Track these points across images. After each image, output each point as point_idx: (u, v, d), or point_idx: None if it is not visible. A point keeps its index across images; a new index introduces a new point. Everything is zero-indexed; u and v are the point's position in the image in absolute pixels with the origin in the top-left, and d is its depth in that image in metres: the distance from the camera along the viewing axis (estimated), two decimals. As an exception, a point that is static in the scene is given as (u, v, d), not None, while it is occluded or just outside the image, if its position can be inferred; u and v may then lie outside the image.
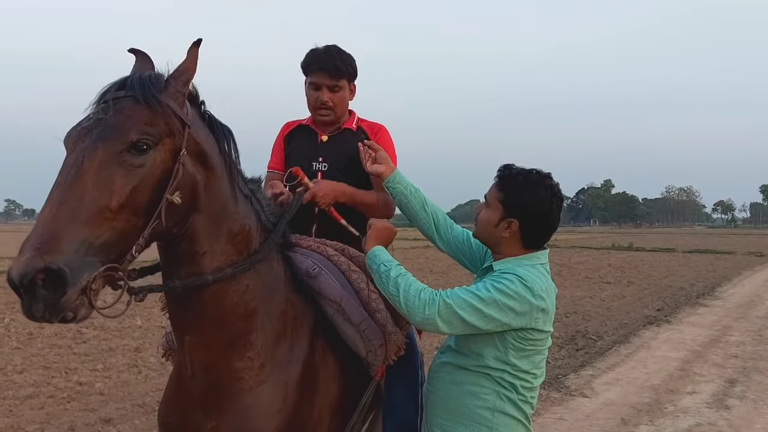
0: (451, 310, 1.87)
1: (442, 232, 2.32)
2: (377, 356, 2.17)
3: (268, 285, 1.97)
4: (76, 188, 1.48)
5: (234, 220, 1.86)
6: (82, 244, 1.44)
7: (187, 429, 1.95)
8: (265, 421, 1.91)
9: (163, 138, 1.61)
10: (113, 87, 1.65)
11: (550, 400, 5.90)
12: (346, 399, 2.15)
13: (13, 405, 5.40)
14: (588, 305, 11.59)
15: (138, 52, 1.83)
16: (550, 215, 2.02)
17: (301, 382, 2.00)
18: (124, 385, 6.04)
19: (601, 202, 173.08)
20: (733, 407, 5.77)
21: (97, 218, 1.47)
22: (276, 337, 1.98)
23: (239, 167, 1.95)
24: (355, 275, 2.25)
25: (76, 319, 1.47)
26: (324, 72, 2.63)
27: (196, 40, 1.70)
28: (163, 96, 1.64)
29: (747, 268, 21.24)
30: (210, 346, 1.86)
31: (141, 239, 1.57)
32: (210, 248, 1.79)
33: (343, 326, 2.14)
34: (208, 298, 1.81)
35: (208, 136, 1.81)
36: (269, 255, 1.98)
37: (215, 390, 1.90)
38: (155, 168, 1.59)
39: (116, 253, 1.52)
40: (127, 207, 1.53)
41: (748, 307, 12.13)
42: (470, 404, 2.00)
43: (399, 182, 2.27)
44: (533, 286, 1.92)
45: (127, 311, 1.67)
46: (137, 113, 1.59)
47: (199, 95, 1.84)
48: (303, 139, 2.76)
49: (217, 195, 1.79)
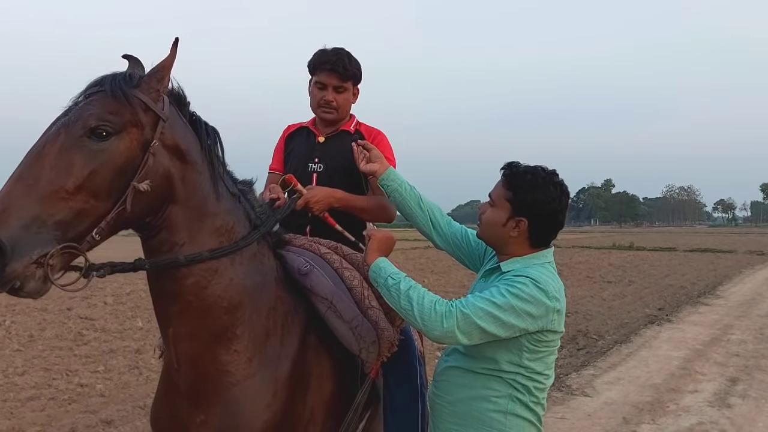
0: (470, 320, 1.80)
1: (439, 229, 2.28)
2: (370, 353, 2.17)
3: (256, 280, 1.99)
4: (34, 168, 1.57)
5: (216, 215, 1.90)
6: (33, 220, 1.51)
7: (177, 423, 1.96)
8: (255, 415, 1.92)
9: (128, 127, 1.68)
10: (90, 84, 1.75)
11: (552, 399, 5.89)
12: (341, 396, 2.16)
13: (14, 407, 5.40)
14: (589, 305, 11.64)
15: (131, 57, 1.91)
16: (558, 213, 1.98)
17: (291, 378, 2.01)
18: (125, 387, 6.04)
19: (602, 202, 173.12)
20: (735, 406, 5.76)
21: (51, 197, 1.55)
22: (265, 333, 1.99)
23: (226, 166, 2.00)
24: (347, 273, 2.26)
25: (24, 290, 1.53)
26: (333, 72, 2.66)
27: (175, 39, 1.78)
28: (134, 90, 1.73)
29: (748, 267, 21.23)
30: (194, 337, 1.88)
31: (104, 223, 1.64)
32: (189, 239, 1.84)
33: (336, 323, 2.15)
34: (189, 288, 1.84)
35: (188, 132, 1.88)
36: (255, 250, 2.01)
37: (202, 383, 1.91)
38: (117, 154, 1.65)
39: (74, 233, 1.59)
40: (85, 189, 1.59)
41: (750, 306, 12.13)
42: (482, 408, 1.96)
43: (393, 180, 2.25)
44: (547, 288, 1.87)
45: (87, 286, 1.72)
46: (103, 104, 1.68)
47: (185, 97, 1.92)
48: (301, 141, 2.81)
49: (195, 189, 1.84)
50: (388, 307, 2.17)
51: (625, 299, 12.72)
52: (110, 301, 10.74)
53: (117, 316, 9.72)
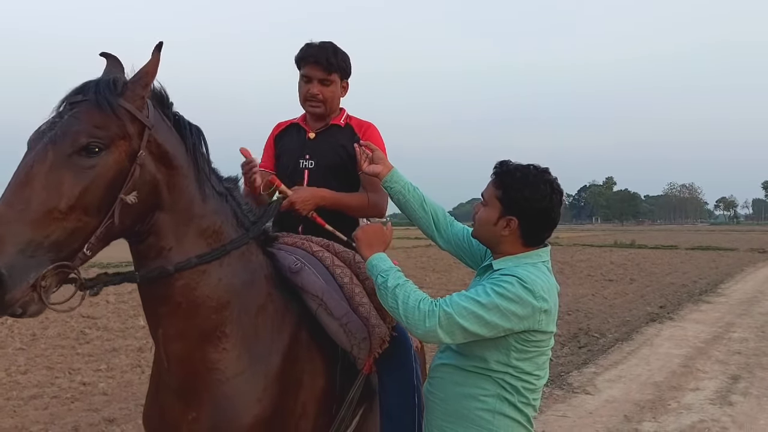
0: (452, 320, 1.80)
1: (442, 230, 2.28)
2: (362, 349, 2.17)
3: (244, 279, 1.99)
4: (24, 191, 1.53)
5: (202, 217, 1.89)
6: (28, 244, 1.49)
7: (169, 421, 1.97)
8: (245, 410, 1.93)
9: (116, 140, 1.64)
10: (73, 91, 1.69)
11: (553, 397, 5.90)
12: (334, 393, 2.16)
13: (18, 405, 5.42)
14: (590, 303, 11.59)
15: (109, 56, 1.85)
16: (550, 211, 1.96)
17: (282, 374, 2.01)
18: (128, 385, 6.06)
19: (603, 200, 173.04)
20: (736, 403, 5.76)
21: (45, 219, 1.52)
22: (255, 330, 2.00)
23: (211, 165, 1.98)
24: (339, 270, 2.26)
25: (27, 314, 1.52)
26: (317, 65, 2.63)
27: (158, 43, 1.73)
28: (119, 99, 1.67)
29: (750, 265, 21.24)
30: (183, 337, 1.89)
31: (93, 238, 1.61)
32: (177, 244, 1.83)
33: (327, 321, 2.15)
34: (178, 290, 1.84)
35: (172, 136, 1.84)
36: (243, 249, 2.00)
37: (191, 381, 1.92)
38: (107, 169, 1.62)
39: (67, 251, 1.57)
40: (78, 207, 1.57)
41: (751, 304, 12.12)
42: (470, 406, 1.96)
43: (397, 181, 2.24)
44: (534, 288, 1.85)
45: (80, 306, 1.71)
46: (88, 116, 1.62)
47: (168, 97, 1.87)
48: (292, 137, 2.76)
49: (182, 193, 1.82)
50: (380, 304, 2.18)
51: (627, 297, 12.73)
52: (112, 300, 10.76)
53: (119, 314, 9.74)
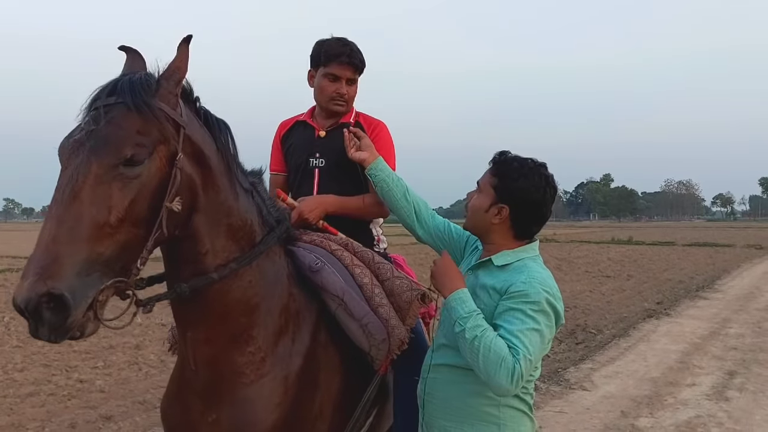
0: (532, 362, 1.79)
1: (422, 221, 2.30)
2: (380, 351, 2.15)
3: (270, 280, 1.96)
4: (73, 207, 1.46)
5: (235, 215, 1.84)
6: (84, 263, 1.44)
7: (189, 422, 1.96)
8: (265, 413, 1.91)
9: (157, 146, 1.57)
10: (103, 92, 1.59)
11: (551, 393, 5.91)
12: (349, 393, 2.14)
13: (14, 403, 5.41)
14: (588, 299, 11.68)
15: (129, 49, 1.78)
16: (542, 204, 1.98)
17: (301, 376, 2.00)
18: (125, 383, 6.05)
19: (601, 197, 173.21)
20: (732, 399, 5.78)
21: (97, 235, 1.46)
22: (277, 331, 1.98)
23: (238, 161, 1.92)
24: (358, 270, 2.24)
25: (84, 335, 1.51)
26: (349, 65, 2.58)
27: (186, 36, 1.66)
28: (155, 100, 1.59)
29: (746, 261, 21.27)
30: (212, 341, 1.87)
31: (144, 251, 1.56)
32: (212, 246, 1.78)
33: (346, 321, 2.14)
34: (213, 295, 1.81)
35: (205, 133, 1.77)
36: (271, 249, 1.97)
37: (217, 384, 1.91)
38: (152, 177, 1.56)
39: (120, 264, 1.53)
40: (127, 220, 1.51)
41: (748, 300, 12.16)
42: (476, 403, 1.95)
43: (381, 170, 2.26)
44: (553, 291, 1.88)
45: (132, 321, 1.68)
46: (129, 123, 1.54)
47: (193, 92, 1.79)
48: (300, 135, 2.70)
49: (217, 193, 1.77)
50: (399, 305, 2.16)
51: (624, 293, 12.76)
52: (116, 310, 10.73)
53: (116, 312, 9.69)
